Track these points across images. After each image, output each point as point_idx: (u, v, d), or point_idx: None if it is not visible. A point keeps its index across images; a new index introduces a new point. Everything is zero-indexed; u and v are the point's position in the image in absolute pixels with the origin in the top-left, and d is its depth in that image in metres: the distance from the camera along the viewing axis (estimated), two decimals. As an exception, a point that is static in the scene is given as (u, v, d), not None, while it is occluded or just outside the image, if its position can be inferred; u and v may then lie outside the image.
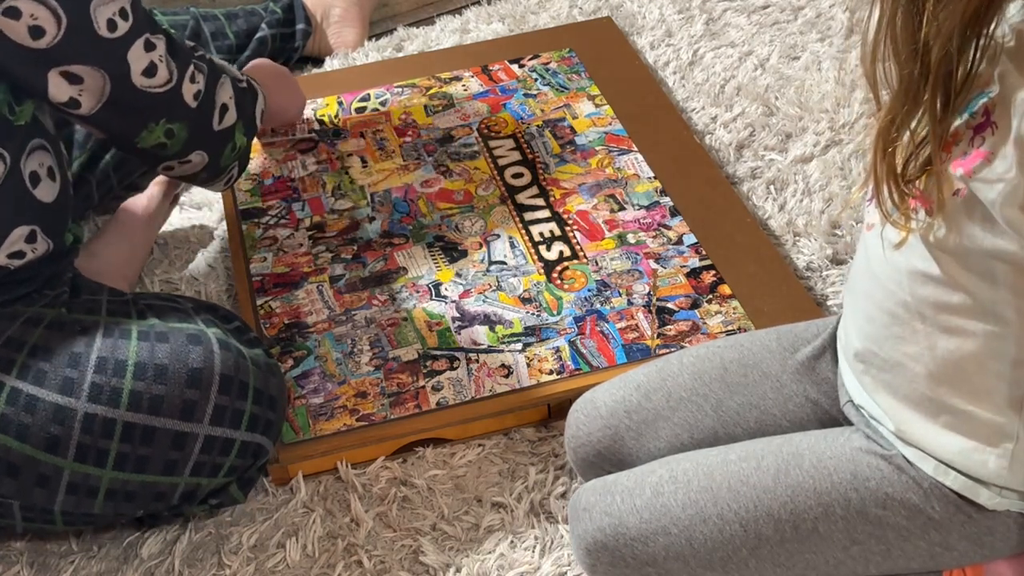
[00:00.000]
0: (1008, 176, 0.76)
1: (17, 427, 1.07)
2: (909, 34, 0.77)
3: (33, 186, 1.13)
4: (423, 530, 1.19)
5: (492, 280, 1.41)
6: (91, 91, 1.12)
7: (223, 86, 1.26)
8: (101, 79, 1.12)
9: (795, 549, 0.95)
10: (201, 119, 1.23)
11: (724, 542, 0.95)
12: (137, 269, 1.49)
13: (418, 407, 1.27)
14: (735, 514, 0.95)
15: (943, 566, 0.96)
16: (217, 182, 1.34)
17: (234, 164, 1.32)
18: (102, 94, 1.13)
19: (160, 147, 1.21)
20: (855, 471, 0.94)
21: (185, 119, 1.21)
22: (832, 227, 1.49)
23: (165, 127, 1.19)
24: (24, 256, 1.14)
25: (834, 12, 1.88)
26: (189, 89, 1.20)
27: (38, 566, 1.19)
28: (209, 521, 1.21)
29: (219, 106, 1.25)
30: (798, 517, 0.94)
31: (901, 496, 0.92)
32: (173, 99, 1.19)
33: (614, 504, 0.99)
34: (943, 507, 0.92)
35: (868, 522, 0.93)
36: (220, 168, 1.30)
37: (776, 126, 1.65)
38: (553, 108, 1.68)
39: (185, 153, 1.24)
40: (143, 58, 1.14)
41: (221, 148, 1.28)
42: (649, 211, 1.49)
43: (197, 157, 1.26)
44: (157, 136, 1.20)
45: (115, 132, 1.19)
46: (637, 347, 1.31)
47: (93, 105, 1.14)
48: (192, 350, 1.12)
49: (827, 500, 0.94)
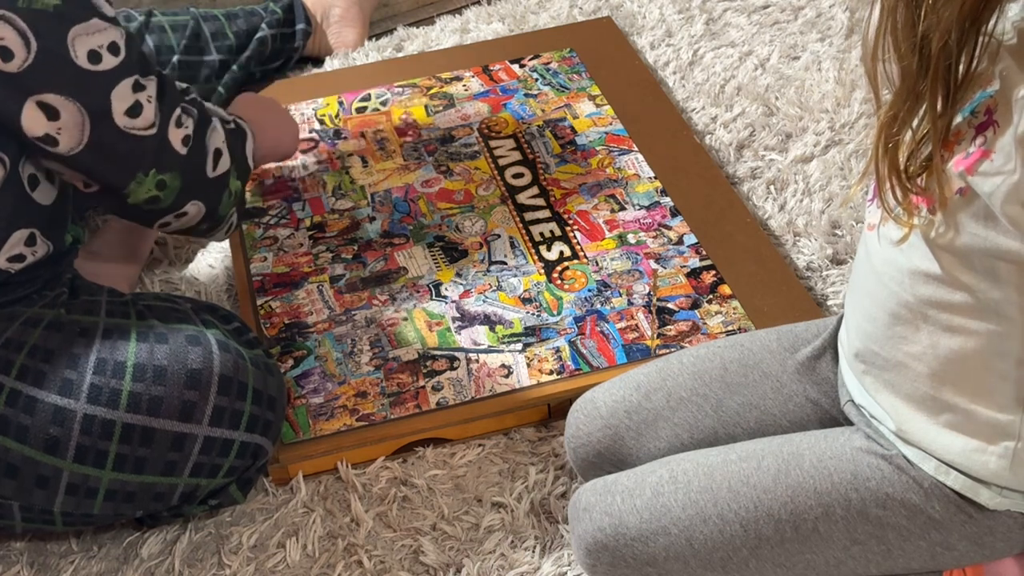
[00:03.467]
0: (1007, 169, 0.76)
1: (16, 428, 1.07)
2: (909, 27, 0.77)
3: (32, 189, 1.12)
4: (423, 530, 1.19)
5: (492, 280, 1.41)
6: (69, 129, 1.07)
7: (214, 131, 1.21)
8: (79, 114, 1.07)
9: (795, 549, 0.95)
10: (193, 167, 1.18)
11: (724, 542, 0.95)
12: (137, 269, 1.49)
13: (418, 407, 1.27)
14: (735, 514, 0.95)
15: (943, 566, 0.96)
16: (219, 231, 1.29)
17: (233, 211, 1.27)
18: (82, 134, 1.08)
19: (152, 201, 1.16)
20: (855, 471, 0.94)
21: (176, 168, 1.16)
22: (832, 227, 1.48)
23: (156, 178, 1.14)
24: (24, 259, 1.13)
25: (834, 12, 1.87)
26: (176, 134, 1.15)
27: (38, 566, 1.19)
28: (209, 521, 1.21)
29: (212, 151, 1.20)
30: (798, 517, 0.94)
31: (901, 496, 0.92)
32: (160, 145, 1.13)
33: (614, 504, 0.99)
34: (944, 507, 0.92)
35: (868, 522, 0.93)
36: (219, 217, 1.25)
37: (776, 126, 1.65)
38: (554, 108, 1.68)
39: (180, 205, 1.19)
40: (128, 98, 1.09)
41: (218, 196, 1.23)
42: (649, 211, 1.49)
43: (193, 208, 1.21)
44: (148, 189, 1.15)
45: (102, 181, 1.13)
46: (637, 347, 1.31)
47: (73, 146, 1.08)
48: (191, 351, 1.12)
49: (827, 500, 0.94)
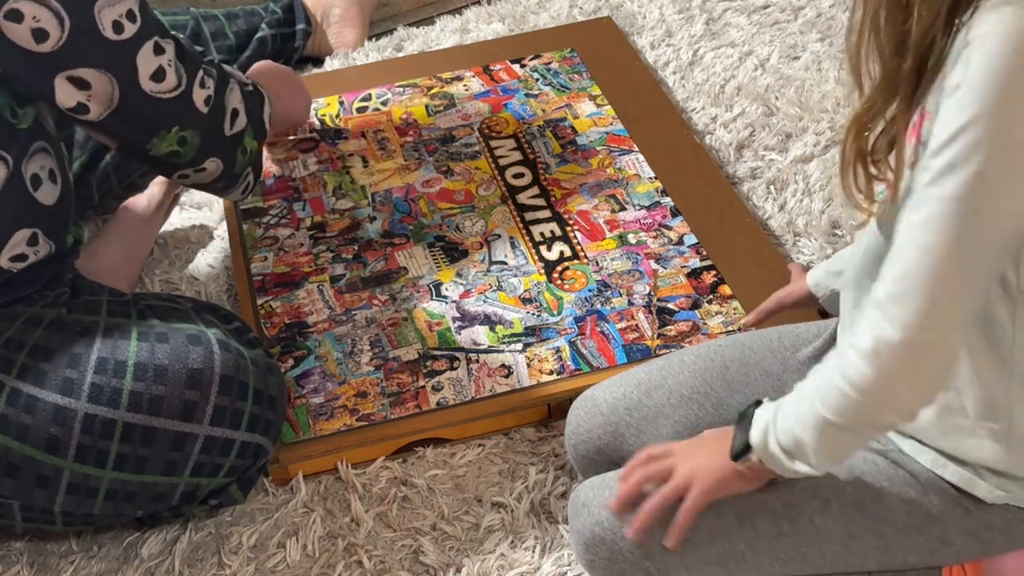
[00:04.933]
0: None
1: (17, 427, 1.07)
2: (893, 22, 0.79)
3: (34, 189, 1.13)
4: (423, 530, 1.19)
5: (492, 280, 1.41)
6: (99, 97, 1.11)
7: (232, 91, 1.25)
8: (109, 83, 1.11)
9: (792, 543, 0.95)
10: (213, 125, 1.22)
11: (720, 535, 0.96)
12: (137, 269, 1.49)
13: (418, 407, 1.27)
14: (730, 507, 0.95)
15: (942, 561, 0.96)
16: (235, 190, 1.33)
17: (248, 170, 1.32)
18: (111, 100, 1.12)
19: (173, 155, 1.21)
20: (851, 465, 0.95)
21: (197, 126, 1.20)
22: (832, 227, 1.49)
23: (178, 135, 1.18)
24: (27, 259, 1.13)
25: (834, 12, 1.88)
26: (200, 95, 1.19)
27: (38, 566, 1.19)
28: (209, 521, 1.21)
29: (230, 111, 1.24)
30: (793, 510, 0.94)
31: (898, 490, 0.93)
32: (184, 105, 1.18)
33: (611, 498, 0.99)
34: (941, 501, 0.92)
35: (865, 516, 0.94)
36: (236, 175, 1.29)
37: (776, 126, 1.65)
38: (554, 108, 1.68)
39: (199, 161, 1.24)
40: (152, 62, 1.13)
41: (234, 154, 1.27)
42: (650, 211, 1.49)
43: (212, 164, 1.25)
44: (170, 144, 1.19)
45: (127, 140, 1.18)
46: (637, 347, 1.31)
47: (102, 111, 1.13)
48: (192, 350, 1.12)
49: (823, 494, 0.94)
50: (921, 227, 0.78)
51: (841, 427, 0.84)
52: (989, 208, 0.76)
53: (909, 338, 0.78)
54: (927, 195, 0.77)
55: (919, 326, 0.78)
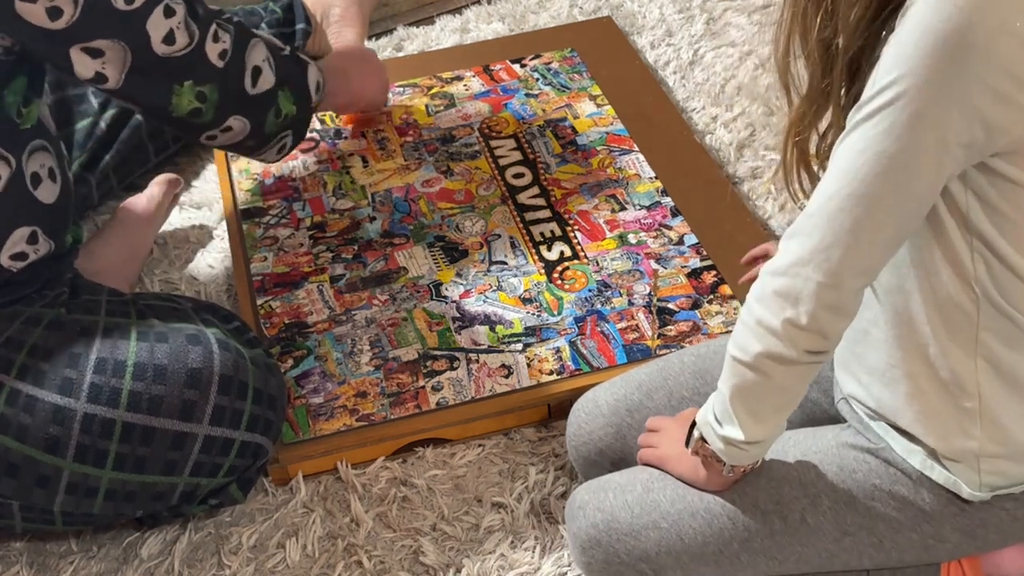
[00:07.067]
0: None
1: (17, 427, 1.07)
2: (817, 31, 0.83)
3: (34, 187, 1.13)
4: (423, 530, 1.19)
5: (492, 280, 1.41)
6: (113, 62, 1.12)
7: (255, 47, 1.24)
8: (121, 50, 1.11)
9: (786, 542, 0.95)
10: (230, 80, 1.21)
11: (714, 535, 0.96)
12: (137, 269, 1.48)
13: (418, 407, 1.27)
14: (722, 507, 0.96)
15: (937, 559, 0.96)
16: (268, 150, 1.33)
17: (285, 133, 1.31)
18: (124, 64, 1.12)
19: (195, 113, 1.20)
20: (841, 464, 0.95)
21: (213, 80, 1.19)
22: (833, 227, 1.48)
23: (194, 89, 1.18)
24: (27, 257, 1.13)
25: (835, 12, 1.87)
26: (213, 49, 1.18)
27: (38, 566, 1.19)
28: (209, 521, 1.21)
29: (251, 68, 1.23)
30: (785, 507, 0.95)
31: (890, 488, 0.93)
32: (197, 59, 1.17)
33: (606, 500, 0.99)
34: (933, 498, 0.92)
35: (858, 513, 0.94)
36: (266, 135, 1.29)
37: (777, 126, 1.65)
38: (554, 108, 1.68)
39: (222, 119, 1.23)
40: (162, 26, 1.13)
41: (262, 114, 1.27)
42: (650, 211, 1.49)
43: (237, 123, 1.25)
44: (188, 100, 1.18)
45: (146, 102, 1.18)
46: (638, 347, 1.31)
47: (119, 76, 1.13)
48: (191, 350, 1.12)
49: (813, 491, 0.95)
50: (847, 150, 0.81)
51: (746, 364, 0.86)
52: (917, 135, 0.78)
53: (806, 258, 0.84)
54: (856, 125, 0.80)
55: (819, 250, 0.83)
